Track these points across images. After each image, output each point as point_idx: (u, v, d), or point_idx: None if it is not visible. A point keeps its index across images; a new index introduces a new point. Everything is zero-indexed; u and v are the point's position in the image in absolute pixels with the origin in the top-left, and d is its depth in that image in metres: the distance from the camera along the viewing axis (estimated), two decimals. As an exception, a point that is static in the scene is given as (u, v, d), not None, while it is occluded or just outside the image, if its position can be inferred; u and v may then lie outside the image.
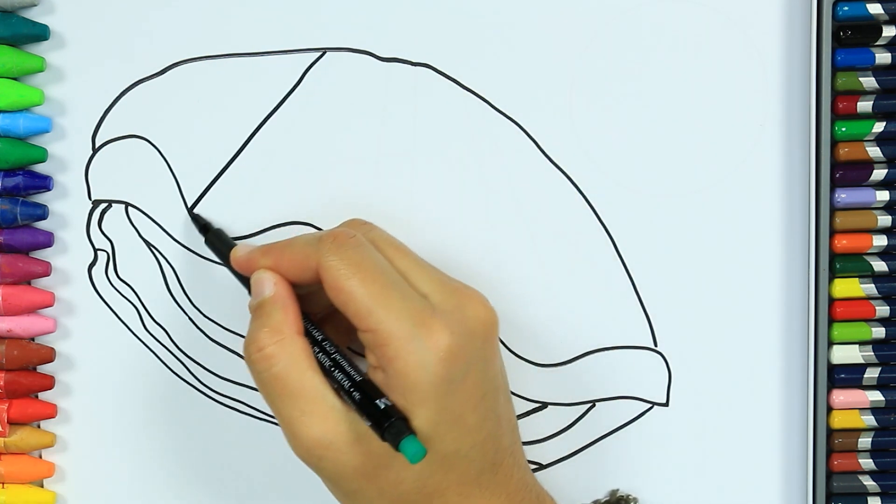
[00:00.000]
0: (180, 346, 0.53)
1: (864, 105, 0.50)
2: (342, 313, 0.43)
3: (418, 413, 0.42)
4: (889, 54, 0.50)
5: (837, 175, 0.50)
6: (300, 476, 0.53)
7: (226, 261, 0.49)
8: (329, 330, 0.46)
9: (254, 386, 0.52)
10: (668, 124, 0.51)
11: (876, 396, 0.51)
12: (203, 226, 0.51)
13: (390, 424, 0.41)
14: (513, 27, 0.51)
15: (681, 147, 0.51)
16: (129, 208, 0.52)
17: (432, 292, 0.44)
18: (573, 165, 0.51)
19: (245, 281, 0.47)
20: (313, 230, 0.52)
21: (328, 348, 0.45)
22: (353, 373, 0.43)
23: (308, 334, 0.45)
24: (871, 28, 0.50)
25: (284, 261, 0.45)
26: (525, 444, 0.53)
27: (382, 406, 0.42)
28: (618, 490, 0.51)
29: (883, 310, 0.51)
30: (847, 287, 0.51)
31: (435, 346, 0.42)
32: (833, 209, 0.51)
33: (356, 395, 0.42)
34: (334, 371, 0.44)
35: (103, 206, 0.52)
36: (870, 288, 0.51)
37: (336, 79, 0.51)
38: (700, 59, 0.51)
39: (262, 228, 0.52)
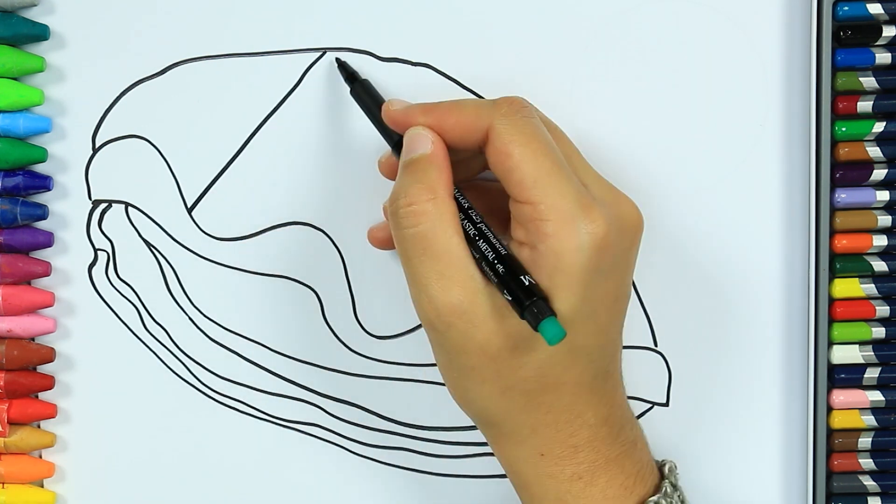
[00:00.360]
0: (180, 346, 0.53)
1: (864, 105, 0.50)
2: (502, 181, 0.42)
3: (561, 297, 0.41)
4: (889, 54, 0.50)
5: (837, 175, 0.50)
6: (300, 476, 0.53)
7: (372, 114, 0.48)
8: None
9: (254, 386, 0.53)
10: (668, 124, 0.51)
11: (876, 396, 0.51)
12: (350, 74, 0.50)
13: (533, 302, 0.40)
14: (513, 27, 0.51)
15: (681, 147, 0.51)
16: (129, 208, 0.52)
17: (591, 183, 0.44)
18: (573, 165, 0.51)
19: (390, 136, 0.46)
20: (313, 230, 0.52)
21: (474, 217, 0.44)
22: (498, 245, 0.42)
23: (455, 200, 0.44)
24: (871, 28, 0.50)
25: (450, 121, 0.44)
26: (525, 444, 0.53)
27: (527, 283, 0.41)
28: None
29: (883, 310, 0.51)
30: (847, 287, 0.51)
31: (593, 232, 0.41)
32: (833, 209, 0.51)
33: (500, 267, 0.41)
34: (478, 241, 0.43)
35: (103, 206, 0.52)
36: (870, 288, 0.51)
37: (336, 79, 0.51)
38: (700, 59, 0.51)
39: (262, 228, 0.52)
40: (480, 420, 0.46)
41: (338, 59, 0.50)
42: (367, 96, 0.49)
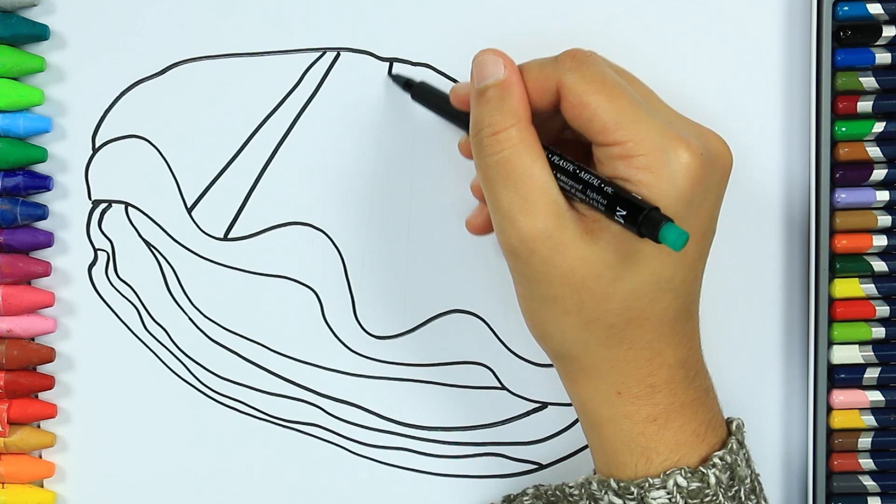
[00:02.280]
0: (180, 346, 0.53)
1: (864, 105, 0.50)
2: (584, 132, 0.42)
3: None
4: (889, 54, 0.50)
5: (837, 175, 0.50)
6: (300, 476, 0.53)
7: (439, 108, 0.48)
8: None
9: (254, 386, 0.53)
10: (668, 124, 0.51)
11: (876, 396, 0.51)
12: (405, 83, 0.50)
13: (648, 212, 0.39)
14: (513, 27, 0.51)
15: (681, 147, 0.51)
16: (129, 208, 0.52)
17: (674, 121, 0.43)
18: (573, 165, 0.51)
19: (463, 121, 0.45)
20: (313, 230, 0.52)
21: (557, 152, 0.43)
22: (591, 173, 0.42)
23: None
24: (871, 28, 0.50)
25: (513, 97, 0.43)
26: (525, 443, 0.53)
27: (637, 198, 0.40)
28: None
29: (883, 310, 0.51)
30: (847, 287, 0.51)
31: (684, 163, 0.41)
32: (833, 209, 0.51)
33: (608, 189, 0.40)
34: (580, 173, 0.42)
35: (103, 206, 0.52)
36: (870, 288, 0.51)
37: (336, 78, 0.51)
38: (700, 59, 0.51)
39: (262, 228, 0.52)
40: (558, 354, 0.44)
41: (391, 74, 0.50)
42: (429, 94, 0.49)
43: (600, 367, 0.43)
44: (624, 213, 0.40)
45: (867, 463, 0.51)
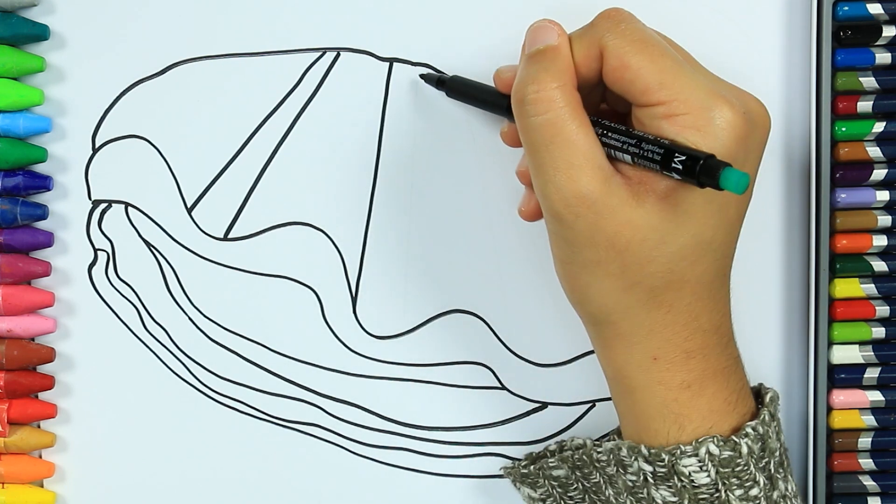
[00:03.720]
0: (180, 346, 0.53)
1: (864, 105, 0.50)
2: (626, 95, 0.42)
3: None
4: (889, 54, 0.50)
5: (837, 175, 0.50)
6: (300, 476, 0.53)
7: (476, 100, 0.48)
8: None
9: (254, 386, 0.53)
10: (668, 124, 0.51)
11: (876, 396, 0.51)
12: (437, 80, 0.50)
13: (707, 160, 0.39)
14: (513, 27, 0.51)
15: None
16: (129, 208, 0.52)
17: (715, 81, 0.43)
18: (573, 165, 0.51)
19: (503, 107, 0.45)
20: (313, 230, 0.52)
21: (602, 121, 0.43)
22: (645, 133, 0.42)
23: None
24: (871, 28, 0.50)
25: (561, 62, 0.43)
26: (525, 443, 0.53)
27: (694, 149, 0.40)
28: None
29: (883, 310, 0.51)
30: (847, 287, 0.51)
31: (729, 121, 0.41)
32: (833, 209, 0.51)
33: (663, 140, 0.40)
34: (632, 130, 0.42)
35: (103, 206, 0.52)
36: (870, 288, 0.51)
37: (336, 78, 0.51)
38: (700, 58, 0.51)
39: (262, 228, 0.52)
40: (596, 319, 0.44)
41: (422, 75, 0.51)
42: (464, 86, 0.49)
43: (638, 332, 0.43)
44: (682, 160, 0.39)
45: (867, 463, 0.51)
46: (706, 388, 0.44)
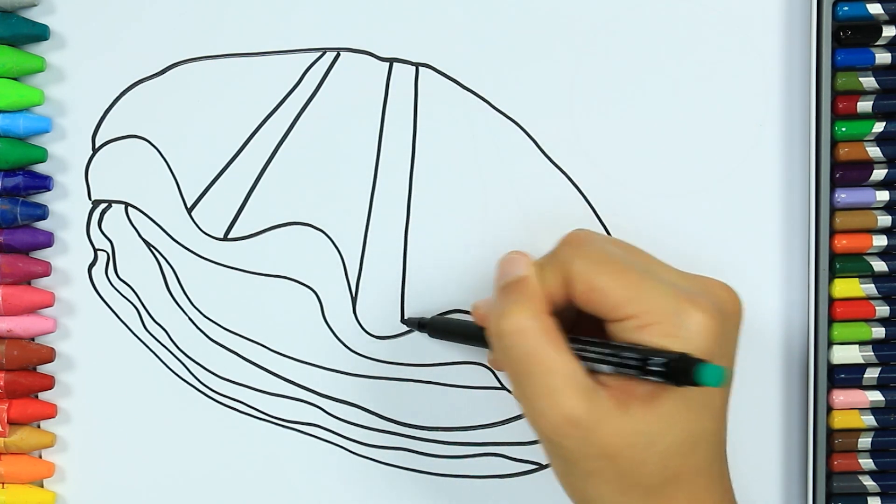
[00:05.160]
0: (180, 346, 0.53)
1: (864, 105, 0.50)
2: (597, 313, 0.43)
3: None
4: (889, 54, 0.50)
5: (837, 175, 0.50)
6: (300, 476, 0.53)
7: (458, 336, 0.49)
8: None
9: (254, 386, 0.53)
10: (667, 124, 0.51)
11: (876, 396, 0.51)
12: (419, 324, 0.51)
13: (678, 359, 0.40)
14: (513, 27, 0.51)
15: (681, 147, 0.51)
16: (129, 208, 0.52)
17: (678, 280, 0.44)
18: (573, 165, 0.51)
19: (483, 340, 0.46)
20: (313, 230, 0.52)
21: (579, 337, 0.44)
22: (610, 344, 0.42)
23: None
24: (871, 28, 0.50)
25: (530, 292, 0.44)
26: (525, 443, 0.53)
27: (664, 354, 0.41)
28: None
29: (883, 310, 0.51)
30: (847, 287, 0.51)
31: (699, 323, 0.42)
32: (833, 209, 0.51)
33: (630, 355, 0.41)
34: (593, 348, 0.42)
35: (103, 206, 0.52)
36: (870, 288, 0.51)
37: (336, 79, 0.51)
38: (700, 59, 0.51)
39: (262, 228, 0.52)
40: None
41: (403, 320, 0.52)
42: (444, 326, 0.50)
43: None
44: (659, 362, 0.40)
45: (867, 463, 0.51)
46: None
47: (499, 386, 0.53)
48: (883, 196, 0.50)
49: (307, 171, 0.52)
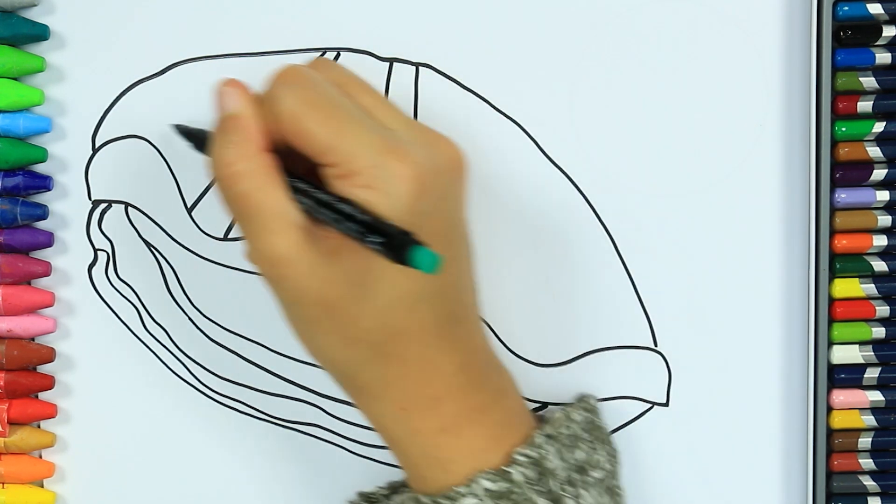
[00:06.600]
0: (180, 346, 0.53)
1: (864, 105, 0.50)
2: (306, 154, 0.42)
3: None
4: (889, 54, 0.50)
5: (837, 175, 0.50)
6: (300, 476, 0.53)
7: (199, 145, 0.47)
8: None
9: (254, 386, 0.53)
10: (667, 124, 0.51)
11: (876, 396, 0.51)
12: (187, 132, 0.48)
13: (396, 238, 0.39)
14: (513, 27, 0.51)
15: (681, 147, 0.51)
16: (129, 208, 0.52)
17: (400, 128, 0.43)
18: (573, 165, 0.51)
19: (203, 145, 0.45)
20: (313, 230, 0.52)
21: (305, 179, 0.43)
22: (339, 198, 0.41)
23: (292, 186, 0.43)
24: (871, 28, 0.50)
25: (243, 131, 0.42)
26: (525, 444, 0.53)
27: (389, 224, 0.40)
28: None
29: (883, 310, 0.51)
30: (847, 287, 0.51)
31: (399, 175, 0.41)
32: (833, 209, 0.51)
33: (343, 207, 0.40)
34: (316, 192, 0.42)
35: (103, 206, 0.52)
36: (870, 288, 0.51)
37: (336, 79, 0.51)
38: (700, 59, 0.51)
39: (262, 228, 0.52)
40: (335, 375, 0.45)
41: (175, 126, 0.48)
42: (188, 132, 0.48)
43: (377, 385, 0.44)
44: (379, 240, 0.39)
45: (867, 463, 0.51)
46: (464, 430, 0.44)
47: (499, 386, 0.53)
48: (883, 196, 0.50)
49: (307, 171, 0.52)
